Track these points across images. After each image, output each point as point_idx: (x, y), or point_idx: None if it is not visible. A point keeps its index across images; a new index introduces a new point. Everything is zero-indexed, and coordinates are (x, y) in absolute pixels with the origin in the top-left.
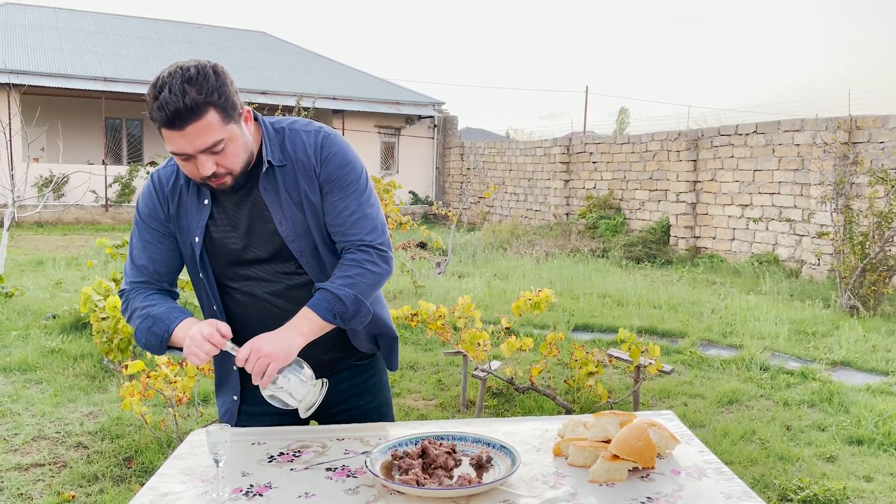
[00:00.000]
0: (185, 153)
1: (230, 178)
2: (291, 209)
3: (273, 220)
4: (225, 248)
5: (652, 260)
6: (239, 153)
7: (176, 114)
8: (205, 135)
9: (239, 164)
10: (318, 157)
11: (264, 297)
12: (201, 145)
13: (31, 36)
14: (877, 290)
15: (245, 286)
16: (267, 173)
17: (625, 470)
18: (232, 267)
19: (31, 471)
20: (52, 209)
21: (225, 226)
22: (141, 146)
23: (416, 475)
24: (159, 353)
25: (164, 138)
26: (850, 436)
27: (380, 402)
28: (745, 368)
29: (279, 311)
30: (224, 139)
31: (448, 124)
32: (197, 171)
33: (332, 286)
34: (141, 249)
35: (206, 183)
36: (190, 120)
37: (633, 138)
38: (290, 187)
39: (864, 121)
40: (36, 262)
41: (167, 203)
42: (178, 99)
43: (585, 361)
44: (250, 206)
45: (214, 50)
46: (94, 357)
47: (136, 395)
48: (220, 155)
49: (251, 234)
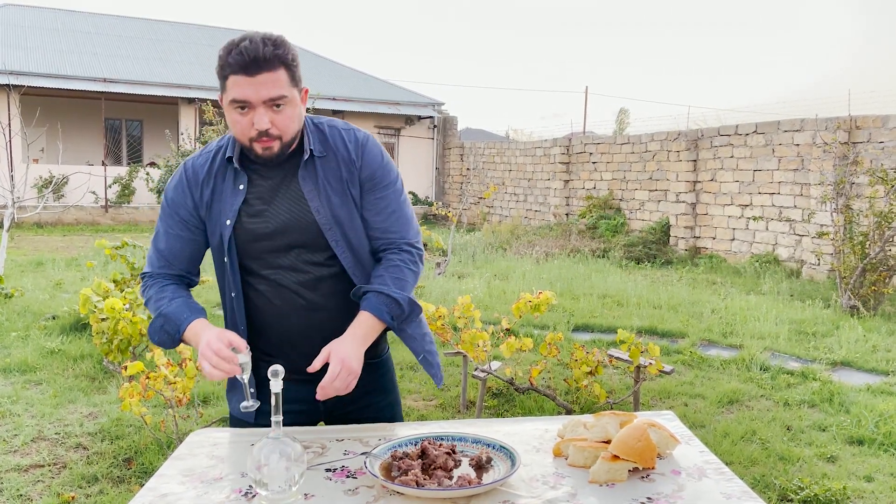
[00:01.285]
0: (249, 101)
1: (277, 145)
2: (330, 198)
3: (310, 207)
4: (255, 233)
5: (652, 260)
6: (293, 120)
7: (253, 60)
8: (272, 86)
9: (290, 132)
10: (360, 154)
11: (292, 287)
12: (266, 95)
13: (31, 37)
14: (877, 290)
15: (272, 274)
16: (307, 163)
17: (625, 470)
18: (261, 255)
19: (30, 472)
20: (51, 210)
21: (258, 212)
22: (140, 147)
23: (416, 476)
24: (172, 347)
25: (230, 87)
26: (850, 436)
27: (391, 401)
28: (745, 368)
29: (304, 303)
30: (287, 98)
31: (448, 125)
32: (251, 125)
33: (387, 289)
34: (164, 236)
35: (251, 148)
36: (264, 68)
37: (633, 138)
38: (330, 177)
39: (863, 121)
40: (36, 263)
41: (200, 190)
42: (258, 48)
43: (584, 361)
44: (287, 193)
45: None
46: (94, 358)
47: (135, 396)
48: (279, 113)
49: (285, 221)
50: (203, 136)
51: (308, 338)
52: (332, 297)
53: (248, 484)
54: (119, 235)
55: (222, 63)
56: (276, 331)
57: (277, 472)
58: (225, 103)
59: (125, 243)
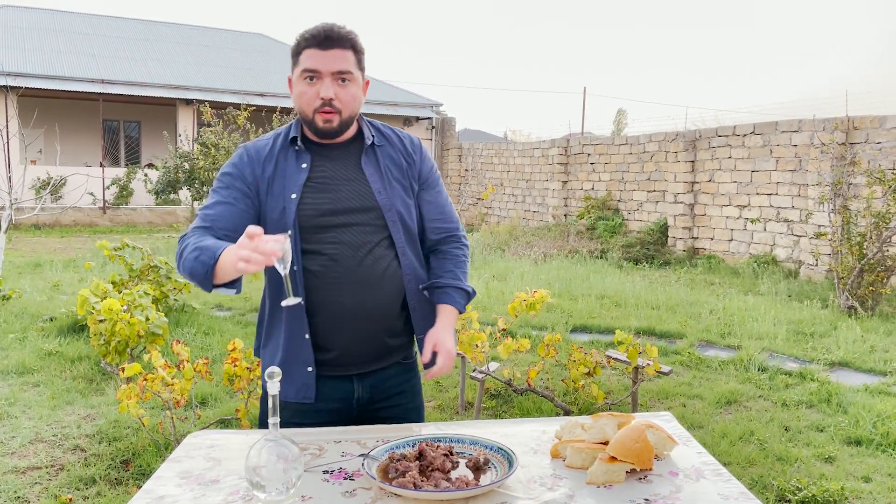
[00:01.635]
0: (319, 70)
1: (337, 119)
2: (391, 184)
3: (372, 190)
4: (319, 209)
5: (650, 261)
6: (355, 99)
7: (328, 36)
8: (342, 61)
9: (350, 109)
10: (418, 154)
11: (348, 264)
12: (335, 67)
13: (28, 38)
14: (875, 290)
15: (330, 249)
16: (368, 150)
17: (622, 472)
18: (323, 230)
19: (28, 474)
20: (49, 211)
21: (322, 188)
22: (139, 148)
23: (414, 477)
24: (205, 284)
25: (302, 60)
26: (848, 436)
27: (417, 404)
28: (743, 369)
29: (358, 280)
30: (352, 75)
31: (446, 126)
32: (317, 96)
33: (462, 283)
34: (214, 204)
35: (313, 120)
36: (336, 45)
37: (631, 139)
38: (391, 166)
39: (861, 121)
40: (33, 265)
41: (262, 166)
42: (333, 27)
43: (582, 362)
44: (349, 175)
45: (212, 52)
46: (92, 360)
47: (133, 397)
48: (343, 88)
49: (348, 200)
50: (201, 138)
51: (357, 319)
52: (382, 278)
53: (246, 486)
54: (117, 237)
55: (298, 41)
56: (329, 310)
57: (275, 474)
58: (295, 77)
59: (125, 244)
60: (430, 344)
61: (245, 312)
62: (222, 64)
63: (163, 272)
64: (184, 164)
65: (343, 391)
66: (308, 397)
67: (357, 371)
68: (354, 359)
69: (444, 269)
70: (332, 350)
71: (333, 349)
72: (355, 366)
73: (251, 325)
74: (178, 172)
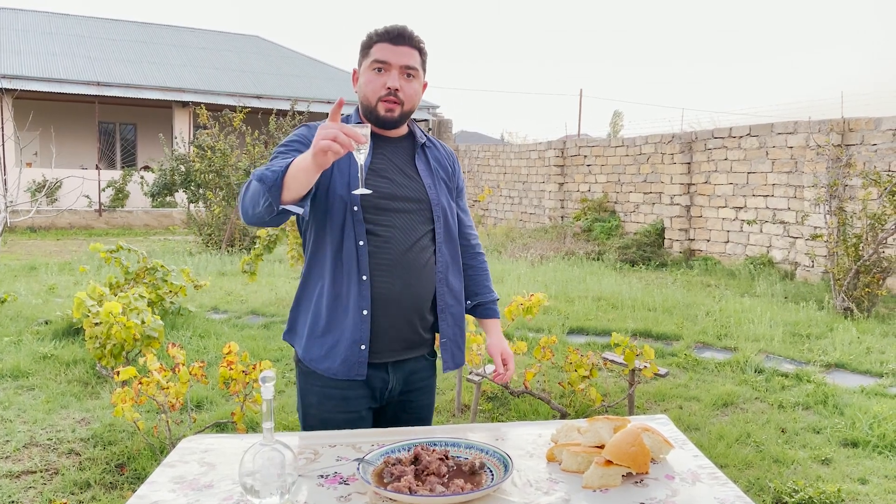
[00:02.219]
0: (388, 62)
1: (399, 110)
2: (439, 181)
3: (424, 184)
4: (381, 191)
5: (646, 262)
6: (416, 93)
7: (400, 34)
8: (410, 58)
9: (411, 102)
10: (457, 163)
11: (400, 247)
12: (404, 61)
13: (24, 40)
14: (871, 291)
15: (387, 231)
16: (420, 149)
17: (618, 475)
18: (382, 211)
19: (22, 478)
20: (45, 214)
21: (382, 173)
22: (135, 150)
23: (409, 482)
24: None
25: (373, 52)
26: (844, 438)
27: (431, 402)
28: (739, 371)
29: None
30: (418, 72)
31: (443, 128)
32: (383, 85)
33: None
34: (280, 158)
35: (375, 109)
36: (408, 43)
37: (628, 141)
38: (439, 167)
39: (856, 123)
40: (29, 268)
41: None
42: (405, 28)
43: (579, 365)
44: (405, 166)
45: (208, 54)
46: (87, 363)
47: (128, 401)
48: (408, 82)
49: (405, 187)
50: (197, 140)
51: (399, 305)
52: (424, 267)
53: (240, 491)
54: (113, 239)
55: (370, 36)
56: (373, 291)
57: (269, 479)
58: (363, 67)
59: (120, 247)
60: (498, 355)
61: (241, 315)
62: (218, 66)
63: (158, 275)
64: (180, 167)
65: (379, 378)
66: (360, 374)
67: (391, 359)
68: (391, 344)
69: (482, 286)
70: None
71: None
72: (388, 353)
73: (247, 328)
74: (174, 175)
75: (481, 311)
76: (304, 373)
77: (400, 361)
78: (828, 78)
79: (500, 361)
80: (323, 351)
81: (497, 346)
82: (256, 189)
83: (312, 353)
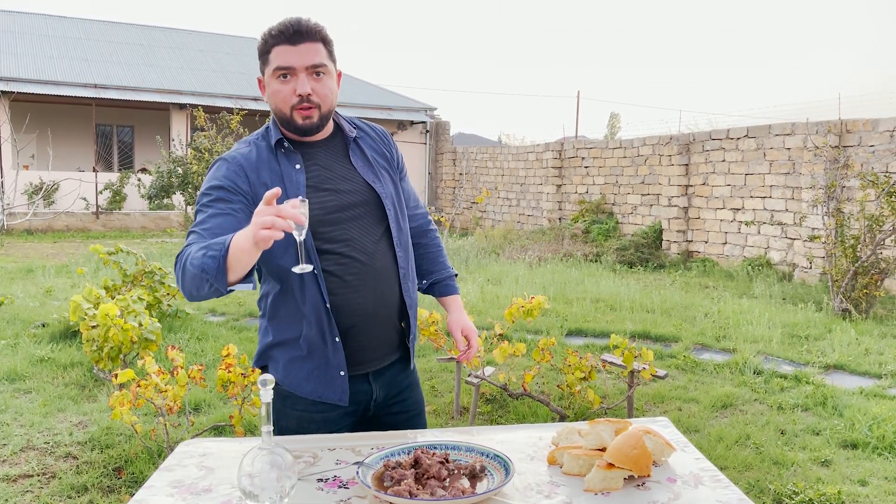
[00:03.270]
0: (292, 67)
1: (317, 114)
2: (380, 172)
3: (367, 180)
4: (326, 207)
5: (645, 264)
6: (331, 91)
7: (297, 31)
8: (314, 55)
9: (328, 102)
10: (391, 144)
11: (361, 259)
12: (308, 61)
13: (21, 43)
14: (869, 292)
15: (342, 248)
16: (353, 144)
17: (620, 478)
18: (332, 228)
19: (19, 482)
20: (42, 217)
21: (323, 187)
22: (132, 153)
23: (409, 486)
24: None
25: (273, 58)
26: (844, 439)
27: (419, 397)
28: (738, 372)
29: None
30: (326, 67)
31: (440, 129)
32: (293, 93)
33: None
34: (210, 216)
35: (291, 119)
36: (306, 39)
37: (625, 143)
38: (377, 156)
39: (854, 124)
40: (26, 270)
41: (256, 173)
42: (300, 21)
43: (577, 367)
44: (342, 170)
45: (206, 56)
46: (84, 366)
47: (126, 404)
48: (319, 82)
49: (349, 194)
50: (194, 142)
51: (376, 316)
52: (387, 269)
53: (239, 495)
54: (110, 242)
55: (265, 39)
56: (349, 311)
57: (268, 483)
58: (267, 76)
59: (119, 249)
60: (459, 331)
61: (239, 317)
62: (215, 68)
63: (156, 277)
64: (177, 169)
65: (362, 392)
66: (343, 400)
67: (372, 368)
68: (370, 354)
69: (436, 262)
70: (349, 350)
71: (350, 349)
72: (370, 363)
73: (245, 330)
74: (172, 177)
75: (439, 288)
76: (282, 395)
77: (378, 370)
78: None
79: (461, 338)
80: (303, 374)
81: (457, 323)
82: (197, 275)
83: (292, 376)
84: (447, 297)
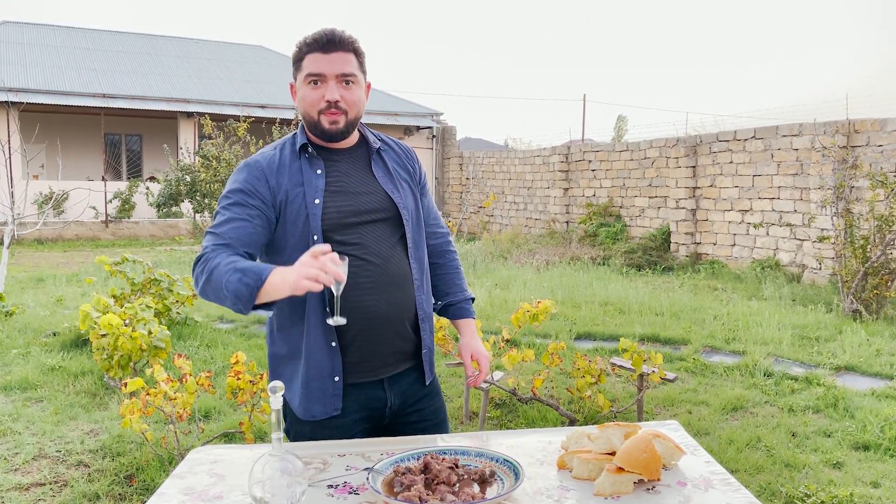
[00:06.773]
0: (323, 74)
1: (343, 120)
2: (401, 184)
3: (387, 190)
4: (342, 211)
5: (653, 267)
6: (359, 100)
7: (330, 40)
8: (345, 64)
9: (355, 110)
10: (416, 160)
11: (376, 261)
12: (339, 70)
13: (30, 53)
14: (879, 293)
15: (357, 250)
16: (375, 155)
17: (630, 482)
18: (347, 230)
19: (31, 490)
20: (52, 226)
21: (342, 192)
22: (140, 161)
23: (419, 491)
24: (246, 305)
25: (305, 65)
26: (856, 441)
27: (440, 403)
28: (748, 375)
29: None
30: (356, 76)
31: (447, 134)
32: (321, 98)
33: (468, 294)
34: (228, 220)
35: (318, 123)
36: (339, 48)
37: (632, 145)
38: (398, 167)
39: (862, 124)
40: (36, 280)
41: (276, 177)
42: (334, 31)
43: (587, 371)
44: (363, 177)
45: (213, 64)
46: (95, 374)
47: (136, 412)
48: (348, 90)
49: (367, 200)
50: (202, 150)
51: (388, 319)
52: (401, 274)
53: (249, 501)
54: (119, 250)
55: (300, 47)
56: (361, 312)
57: (279, 490)
58: (299, 82)
59: (125, 259)
60: (468, 354)
61: (248, 325)
62: (223, 76)
63: (164, 285)
64: (185, 177)
65: (375, 398)
66: (336, 408)
67: (385, 374)
68: (382, 360)
69: (453, 284)
70: (361, 354)
71: (362, 352)
72: (382, 368)
73: (254, 338)
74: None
75: (454, 310)
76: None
77: (395, 376)
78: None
79: (471, 363)
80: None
81: (468, 346)
82: (224, 294)
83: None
84: (461, 321)
